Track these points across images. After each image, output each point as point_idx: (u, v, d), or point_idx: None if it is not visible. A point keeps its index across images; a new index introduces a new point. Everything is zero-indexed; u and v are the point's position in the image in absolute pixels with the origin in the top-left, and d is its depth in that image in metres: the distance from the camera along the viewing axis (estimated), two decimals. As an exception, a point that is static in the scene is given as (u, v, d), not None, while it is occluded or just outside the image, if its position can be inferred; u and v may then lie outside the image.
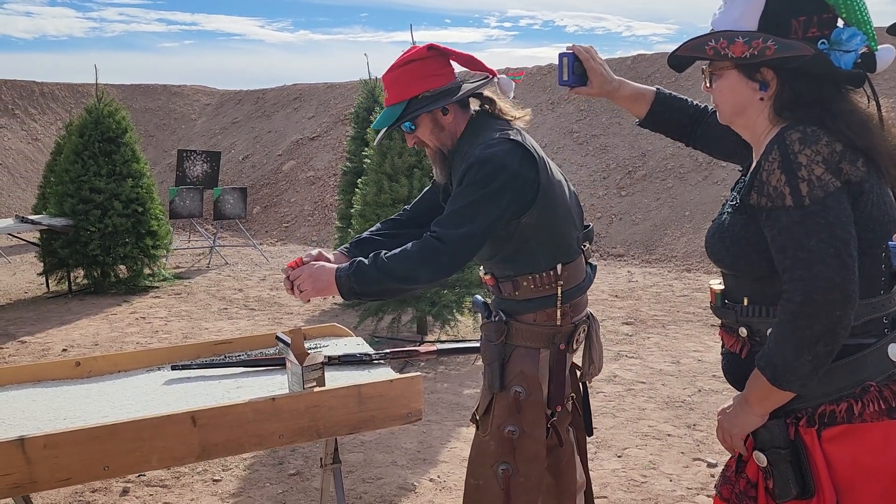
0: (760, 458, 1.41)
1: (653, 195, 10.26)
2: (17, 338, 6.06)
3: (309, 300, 1.89)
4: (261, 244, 11.57)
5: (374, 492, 3.23)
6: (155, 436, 1.70)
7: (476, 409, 2.04)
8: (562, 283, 1.92)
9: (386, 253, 1.81)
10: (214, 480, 3.37)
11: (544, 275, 1.91)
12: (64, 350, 5.68)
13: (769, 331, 1.38)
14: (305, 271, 1.87)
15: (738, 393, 1.48)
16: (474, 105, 2.02)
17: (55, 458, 1.62)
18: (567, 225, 1.94)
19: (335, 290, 1.82)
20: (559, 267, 1.91)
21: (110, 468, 1.68)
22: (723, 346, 1.54)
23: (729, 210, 1.46)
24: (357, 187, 5.85)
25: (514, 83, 2.01)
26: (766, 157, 1.36)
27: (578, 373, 2.11)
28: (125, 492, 3.29)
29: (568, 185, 2.03)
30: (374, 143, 4.19)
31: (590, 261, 2.08)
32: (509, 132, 1.91)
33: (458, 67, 2.01)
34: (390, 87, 1.96)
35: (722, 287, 1.52)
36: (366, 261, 1.81)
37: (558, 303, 1.92)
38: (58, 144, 10.70)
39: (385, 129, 1.99)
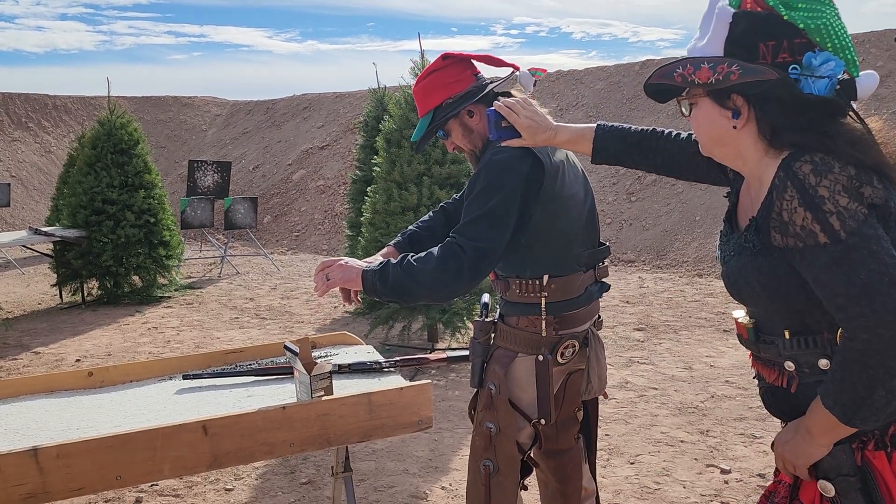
0: (827, 488, 1.35)
1: (663, 200, 10.23)
2: (31, 348, 6.10)
3: (326, 292, 1.95)
4: (271, 253, 11.62)
5: (385, 500, 3.23)
6: (167, 445, 1.71)
7: (469, 405, 2.10)
8: (546, 294, 1.93)
9: (413, 256, 1.88)
10: (227, 490, 3.37)
11: (529, 282, 1.94)
12: (77, 360, 5.72)
13: (820, 361, 1.33)
14: (339, 262, 1.95)
15: (793, 421, 1.40)
16: None
17: (68, 468, 1.63)
18: (565, 240, 1.94)
19: (360, 284, 1.89)
20: (545, 278, 1.93)
21: (123, 478, 1.69)
22: (761, 381, 1.47)
23: (748, 254, 1.38)
24: (367, 195, 5.86)
25: (533, 78, 2.04)
26: (779, 194, 1.28)
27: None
28: (138, 501, 3.30)
29: (588, 201, 2.04)
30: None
31: (603, 280, 2.07)
32: None
33: (487, 70, 2.07)
34: (418, 100, 2.06)
35: (752, 320, 1.45)
36: (394, 261, 1.88)
37: (543, 313, 1.93)
38: (70, 156, 10.81)
39: (421, 140, 2.07)
